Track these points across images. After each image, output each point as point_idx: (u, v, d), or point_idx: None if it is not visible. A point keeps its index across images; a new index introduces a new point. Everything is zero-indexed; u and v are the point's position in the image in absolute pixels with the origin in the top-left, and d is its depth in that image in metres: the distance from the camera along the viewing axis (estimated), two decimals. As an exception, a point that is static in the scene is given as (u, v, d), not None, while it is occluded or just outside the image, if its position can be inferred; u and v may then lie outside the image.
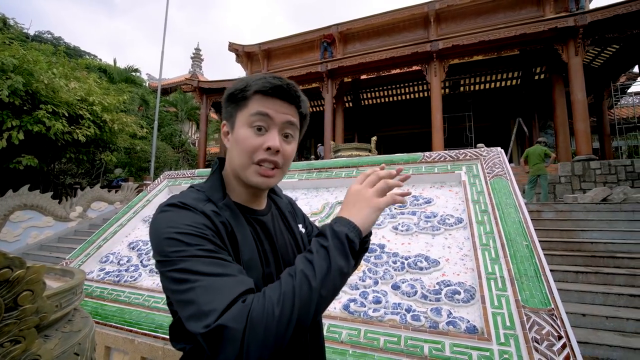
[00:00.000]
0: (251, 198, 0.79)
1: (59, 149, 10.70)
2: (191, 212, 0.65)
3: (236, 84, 0.74)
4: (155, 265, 0.63)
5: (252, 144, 0.70)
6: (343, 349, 1.43)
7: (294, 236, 0.86)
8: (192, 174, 3.16)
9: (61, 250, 7.80)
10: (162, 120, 19.52)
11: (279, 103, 0.72)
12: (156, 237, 0.63)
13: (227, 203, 0.72)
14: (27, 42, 13.32)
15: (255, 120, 0.70)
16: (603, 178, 8.07)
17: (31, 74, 8.93)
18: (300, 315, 0.53)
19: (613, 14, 8.83)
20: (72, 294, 0.92)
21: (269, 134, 0.71)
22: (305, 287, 0.54)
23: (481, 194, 2.03)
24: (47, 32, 28.49)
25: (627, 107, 15.57)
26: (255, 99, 0.71)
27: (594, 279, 4.14)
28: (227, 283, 0.55)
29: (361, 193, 0.68)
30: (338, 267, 0.58)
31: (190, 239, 0.60)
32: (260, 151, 0.70)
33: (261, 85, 0.70)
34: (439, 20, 13.90)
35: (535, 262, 1.56)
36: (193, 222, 0.63)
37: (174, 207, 0.66)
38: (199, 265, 0.57)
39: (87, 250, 2.60)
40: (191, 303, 0.54)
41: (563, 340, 1.27)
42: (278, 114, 0.71)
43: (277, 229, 0.82)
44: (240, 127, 0.71)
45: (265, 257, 0.74)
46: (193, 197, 0.70)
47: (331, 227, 0.62)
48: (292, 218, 0.91)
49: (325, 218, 2.28)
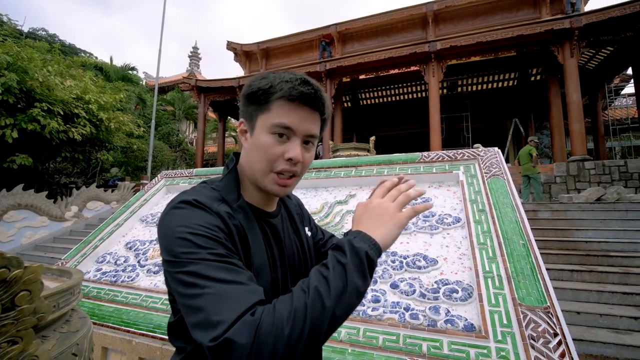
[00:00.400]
0: (264, 200, 0.77)
1: (54, 148, 10.59)
2: (206, 212, 0.63)
3: (258, 81, 0.70)
4: (163, 264, 0.61)
5: (274, 152, 0.67)
6: (342, 347, 1.43)
7: (301, 240, 0.84)
8: (190, 173, 3.16)
9: (56, 251, 7.73)
10: (159, 119, 19.42)
11: (303, 111, 0.68)
12: (167, 235, 0.60)
13: (241, 205, 0.71)
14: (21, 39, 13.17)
15: (278, 131, 0.67)
16: (597, 178, 8.14)
17: (25, 72, 8.81)
18: (310, 335, 0.50)
19: (607, 17, 8.90)
20: (69, 294, 0.92)
21: (290, 143, 0.68)
22: (318, 306, 0.52)
23: (479, 194, 2.04)
24: (42, 29, 28.16)
25: (620, 108, 15.72)
26: (279, 104, 0.67)
27: (588, 277, 4.18)
28: (237, 292, 0.53)
29: (383, 207, 0.65)
30: (355, 286, 0.55)
31: (202, 240, 0.58)
32: (280, 160, 0.68)
33: (288, 92, 0.66)
34: (437, 21, 13.93)
35: (531, 260, 1.58)
36: (207, 223, 0.60)
37: (188, 204, 0.63)
38: (210, 270, 0.55)
39: (84, 250, 2.59)
40: (199, 310, 0.52)
41: (559, 337, 1.29)
42: (301, 126, 0.68)
43: (285, 233, 0.80)
44: (261, 132, 0.68)
45: (274, 262, 0.72)
46: (207, 196, 0.67)
47: (350, 243, 0.59)
48: (299, 221, 0.89)
49: (324, 217, 2.28)
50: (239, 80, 13.69)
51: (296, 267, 0.79)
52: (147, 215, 2.88)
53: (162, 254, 0.61)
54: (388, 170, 2.41)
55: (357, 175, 2.46)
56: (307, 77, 0.70)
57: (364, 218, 0.66)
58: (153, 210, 2.94)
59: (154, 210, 2.93)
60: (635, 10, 8.61)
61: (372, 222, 0.64)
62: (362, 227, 0.64)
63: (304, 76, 0.69)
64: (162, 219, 0.64)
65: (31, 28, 26.78)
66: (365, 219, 0.65)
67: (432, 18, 13.75)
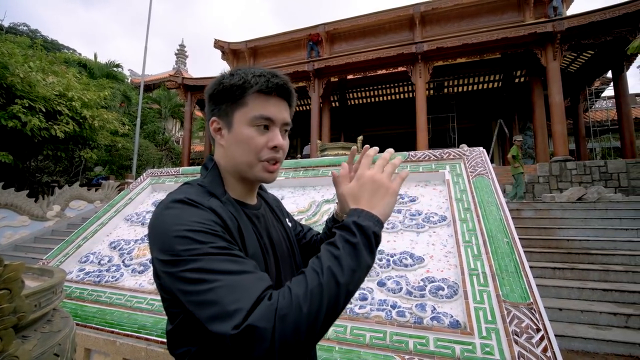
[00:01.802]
0: (246, 193, 0.80)
1: (36, 146, 10.33)
2: (199, 208, 0.64)
3: (229, 78, 0.72)
4: (158, 265, 0.60)
5: (259, 143, 0.71)
6: (329, 345, 1.44)
7: (285, 229, 0.89)
8: (177, 172, 3.11)
9: (37, 251, 7.53)
10: (145, 117, 19.10)
11: (278, 102, 0.73)
12: (163, 235, 0.60)
13: (228, 198, 0.73)
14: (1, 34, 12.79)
15: (259, 122, 0.70)
16: (579, 178, 8.36)
17: (6, 67, 8.60)
18: (328, 312, 0.52)
19: (588, 21, 9.16)
20: (51, 293, 0.90)
21: (271, 133, 0.72)
22: (333, 284, 0.54)
23: (464, 193, 2.07)
24: (23, 24, 27.33)
25: (601, 110, 16.16)
26: (255, 97, 0.70)
27: (570, 274, 4.29)
28: (247, 280, 0.55)
29: (376, 180, 0.66)
30: (366, 264, 0.58)
31: (202, 236, 0.58)
32: (265, 150, 0.71)
33: (263, 85, 0.70)
34: (424, 22, 14.09)
35: (515, 258, 1.61)
36: (203, 219, 0.61)
37: (180, 203, 0.64)
38: (216, 264, 0.56)
39: (66, 250, 2.53)
40: (213, 304, 0.53)
41: (541, 332, 1.31)
42: (279, 115, 0.73)
43: (270, 223, 0.83)
44: (242, 126, 0.71)
45: (266, 250, 0.74)
46: (197, 193, 0.68)
47: (356, 222, 0.60)
48: (280, 212, 0.93)
49: (312, 216, 2.28)
50: (226, 79, 13.56)
51: (285, 253, 0.82)
52: (132, 214, 2.83)
53: (156, 255, 0.61)
54: (376, 169, 2.42)
55: (345, 174, 2.47)
56: (274, 70, 0.74)
57: (360, 194, 0.67)
58: (138, 209, 2.89)
59: (139, 209, 2.88)
60: (614, 16, 8.89)
61: (369, 198, 0.65)
62: (361, 204, 0.65)
63: (272, 70, 0.74)
64: (155, 219, 0.64)
65: (12, 23, 25.99)
66: (362, 195, 0.67)
67: (419, 19, 13.91)
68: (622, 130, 10.40)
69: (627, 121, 10.35)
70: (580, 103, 13.43)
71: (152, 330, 1.62)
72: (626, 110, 10.45)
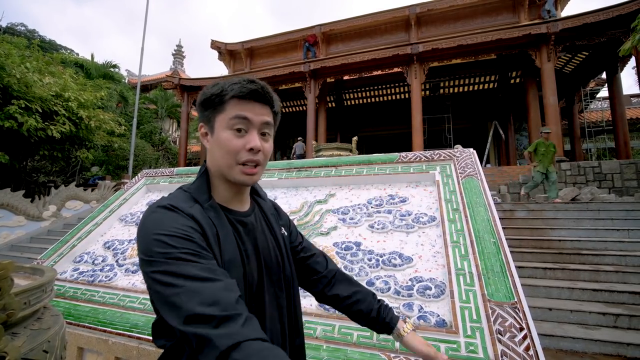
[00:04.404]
0: (234, 198, 0.81)
1: (32, 146, 10.30)
2: (178, 214, 0.67)
3: (210, 88, 0.77)
4: (140, 263, 0.65)
5: (235, 145, 0.73)
6: (317, 344, 1.46)
7: (276, 238, 0.88)
8: (171, 172, 3.13)
9: (33, 251, 7.52)
10: (141, 117, 19.03)
11: (255, 106, 0.75)
12: (144, 237, 0.64)
13: (212, 204, 0.75)
14: (-2, 35, 12.76)
15: (235, 124, 0.73)
16: (573, 179, 8.42)
17: (2, 68, 8.58)
18: None
19: (582, 23, 9.23)
20: (41, 291, 0.92)
21: (249, 135, 0.74)
22: None
23: (453, 193, 2.10)
24: (21, 25, 27.19)
25: (596, 111, 16.29)
26: (233, 103, 0.74)
27: (560, 274, 4.33)
28: (212, 288, 0.57)
29: None
30: None
31: (176, 241, 0.62)
32: (243, 152, 0.74)
33: (238, 91, 0.73)
34: (419, 23, 14.15)
35: (501, 258, 1.64)
36: (180, 225, 0.65)
37: (162, 209, 0.68)
38: (184, 268, 0.59)
39: (61, 249, 2.54)
40: (175, 306, 0.56)
41: (524, 331, 1.34)
42: (256, 116, 0.75)
43: (259, 230, 0.84)
44: (221, 130, 0.74)
45: (247, 257, 0.75)
46: (181, 199, 0.73)
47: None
48: (275, 220, 0.93)
49: (304, 217, 2.31)
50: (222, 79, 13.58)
51: (272, 262, 0.83)
52: (126, 214, 2.85)
53: (139, 255, 0.65)
54: (367, 170, 2.46)
55: (337, 175, 2.50)
56: (253, 78, 0.77)
57: None
58: (132, 210, 2.91)
59: (133, 210, 2.90)
60: (608, 17, 8.97)
61: None
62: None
63: (250, 78, 0.77)
64: (140, 223, 0.68)
65: (9, 23, 25.86)
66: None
67: (415, 21, 13.97)
68: (617, 131, 10.48)
69: (621, 122, 10.43)
70: (575, 104, 13.52)
71: (144, 330, 1.65)
72: (620, 111, 10.53)
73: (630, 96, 17.44)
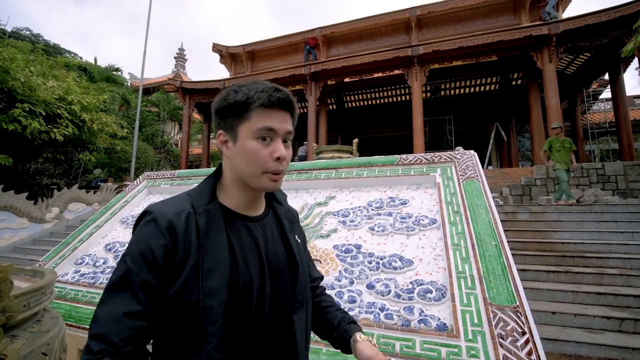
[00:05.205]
0: (249, 203, 0.81)
1: (36, 149, 10.38)
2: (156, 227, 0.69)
3: (233, 94, 0.75)
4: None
5: (263, 155, 0.74)
6: (317, 347, 1.45)
7: (289, 245, 0.85)
8: (172, 174, 3.14)
9: (36, 253, 7.54)
10: (143, 120, 19.13)
11: (280, 114, 0.76)
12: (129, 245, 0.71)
13: (208, 209, 0.74)
14: (4, 39, 12.87)
15: (262, 134, 0.73)
16: (576, 181, 8.36)
17: (7, 72, 8.70)
18: None
19: (584, 24, 9.20)
20: (41, 294, 0.92)
21: (274, 145, 0.75)
22: None
23: (454, 196, 2.09)
24: (26, 29, 27.43)
25: (599, 112, 16.20)
26: (258, 111, 0.74)
27: (564, 278, 4.29)
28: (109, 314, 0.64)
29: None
30: None
31: (137, 260, 0.67)
32: (270, 161, 0.74)
33: (266, 100, 0.73)
34: (420, 25, 14.16)
35: (502, 261, 1.62)
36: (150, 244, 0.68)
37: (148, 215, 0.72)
38: (113, 285, 0.67)
39: (62, 252, 2.55)
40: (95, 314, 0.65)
41: (527, 335, 1.33)
42: (281, 126, 0.75)
43: (269, 237, 0.82)
44: (246, 139, 0.74)
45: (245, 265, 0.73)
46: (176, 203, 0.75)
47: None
48: (289, 227, 0.89)
49: (304, 219, 2.31)
50: (224, 82, 13.61)
51: (280, 270, 0.80)
52: (127, 216, 2.86)
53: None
54: (367, 172, 2.45)
55: (337, 177, 2.50)
56: (276, 85, 0.77)
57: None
58: (134, 212, 2.91)
59: (134, 212, 2.91)
60: (610, 18, 8.93)
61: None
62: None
63: (274, 85, 0.77)
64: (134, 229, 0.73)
65: (15, 27, 26.11)
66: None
67: (415, 23, 13.98)
68: (620, 132, 10.41)
69: (624, 123, 10.36)
70: (578, 105, 13.45)
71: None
72: (624, 112, 10.47)
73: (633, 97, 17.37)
